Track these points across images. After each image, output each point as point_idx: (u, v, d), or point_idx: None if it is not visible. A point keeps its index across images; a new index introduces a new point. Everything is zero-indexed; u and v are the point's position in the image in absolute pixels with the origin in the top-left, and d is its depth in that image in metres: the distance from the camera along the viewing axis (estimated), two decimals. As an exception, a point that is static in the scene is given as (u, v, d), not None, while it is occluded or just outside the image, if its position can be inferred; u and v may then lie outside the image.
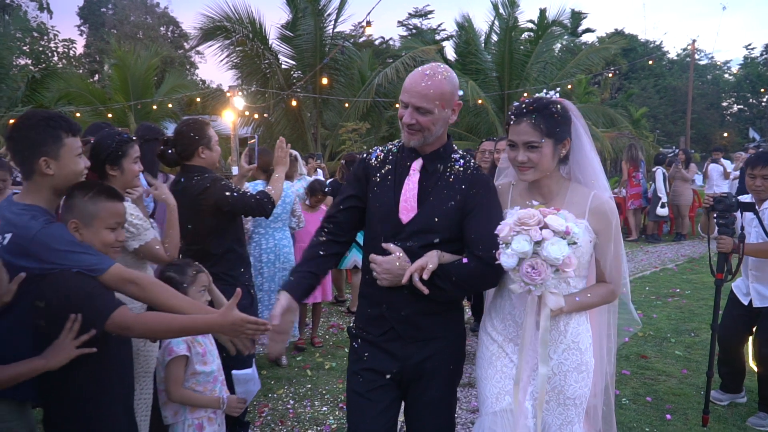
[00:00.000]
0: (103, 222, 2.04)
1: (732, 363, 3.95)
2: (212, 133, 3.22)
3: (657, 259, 9.48)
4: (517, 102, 2.12)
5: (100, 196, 2.06)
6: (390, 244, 2.04)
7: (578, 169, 2.15)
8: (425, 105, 2.00)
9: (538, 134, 2.01)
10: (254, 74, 17.00)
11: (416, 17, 36.08)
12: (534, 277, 1.88)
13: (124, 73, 17.60)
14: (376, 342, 2.14)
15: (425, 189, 2.09)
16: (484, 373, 2.19)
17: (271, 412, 3.91)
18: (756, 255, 3.46)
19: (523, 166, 2.05)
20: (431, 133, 2.05)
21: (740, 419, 3.76)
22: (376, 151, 2.24)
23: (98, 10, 41.73)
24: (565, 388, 2.10)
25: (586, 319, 2.17)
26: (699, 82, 39.01)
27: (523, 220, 1.89)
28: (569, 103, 2.15)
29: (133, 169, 2.71)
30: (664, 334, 5.54)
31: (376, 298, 2.14)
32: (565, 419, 2.11)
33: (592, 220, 2.06)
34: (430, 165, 2.12)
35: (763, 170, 3.45)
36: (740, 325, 3.81)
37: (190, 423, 2.43)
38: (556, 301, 1.98)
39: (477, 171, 2.13)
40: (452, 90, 2.07)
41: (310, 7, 16.09)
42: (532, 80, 17.57)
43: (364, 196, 2.20)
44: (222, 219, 3.15)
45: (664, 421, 3.72)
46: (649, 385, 4.30)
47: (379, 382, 2.13)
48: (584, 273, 2.14)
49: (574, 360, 2.10)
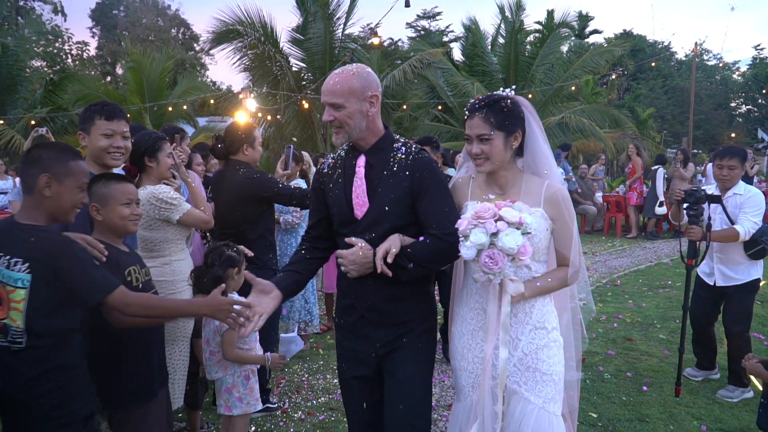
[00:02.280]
0: (116, 200, 2.38)
1: (704, 342, 4.36)
2: (257, 135, 3.71)
3: (653, 255, 9.85)
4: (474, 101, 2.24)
5: (110, 180, 2.45)
6: (352, 238, 2.18)
7: (532, 160, 2.25)
8: (335, 100, 2.14)
9: (488, 127, 2.14)
10: (265, 76, 17.43)
11: (424, 19, 36.45)
12: (492, 267, 1.99)
13: (140, 75, 18.10)
14: (351, 329, 2.32)
15: (373, 182, 2.21)
16: (458, 364, 2.31)
17: (288, 383, 4.36)
18: (721, 240, 3.87)
19: (478, 158, 2.18)
20: (350, 126, 2.17)
21: (711, 392, 4.15)
22: (328, 159, 2.40)
23: (110, 12, 42.25)
24: (539, 365, 2.18)
25: (551, 300, 2.28)
26: (707, 83, 39.09)
27: (480, 214, 2.01)
28: (522, 99, 2.26)
29: (167, 161, 3.19)
30: (651, 320, 5.93)
31: (346, 290, 2.32)
32: (546, 396, 2.18)
33: (548, 207, 2.18)
34: (372, 159, 2.22)
35: (729, 161, 3.88)
36: (709, 306, 4.22)
37: (239, 375, 2.90)
38: (516, 287, 2.09)
39: (419, 155, 2.23)
40: (363, 84, 2.16)
41: (320, 11, 16.48)
42: (538, 82, 17.88)
43: (325, 205, 2.35)
44: (259, 208, 3.60)
45: (640, 392, 4.12)
46: (631, 363, 4.70)
47: (358, 371, 2.32)
48: (544, 258, 2.24)
49: (542, 338, 2.19)
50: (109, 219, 2.38)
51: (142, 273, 2.46)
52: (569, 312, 2.42)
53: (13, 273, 1.97)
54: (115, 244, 2.40)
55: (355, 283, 2.23)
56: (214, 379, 2.92)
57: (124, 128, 2.73)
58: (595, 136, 16.07)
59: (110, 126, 2.66)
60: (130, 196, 2.44)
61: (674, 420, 3.70)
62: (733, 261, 3.96)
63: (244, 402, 2.91)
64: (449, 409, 3.93)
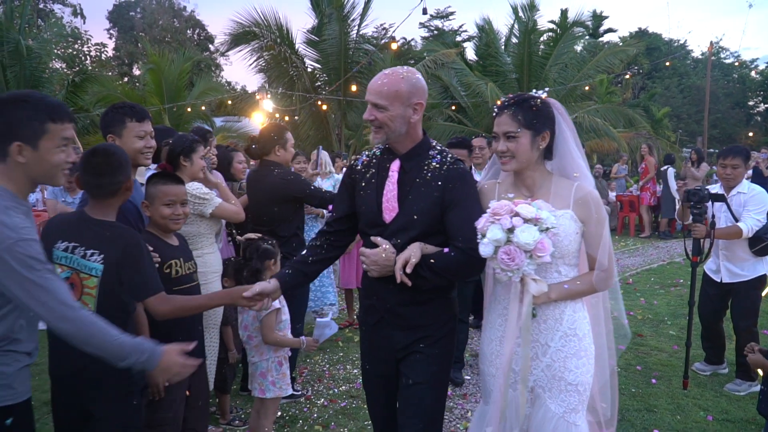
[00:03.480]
0: (159, 200, 2.60)
1: (712, 338, 4.49)
2: (289, 137, 3.92)
3: (666, 254, 9.94)
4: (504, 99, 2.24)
5: (158, 181, 2.67)
6: (378, 238, 2.19)
7: (561, 163, 2.22)
8: (380, 101, 2.14)
9: (515, 125, 2.13)
10: (281, 77, 17.71)
11: (437, 18, 36.53)
12: (509, 263, 1.99)
13: (159, 76, 18.43)
14: (373, 329, 2.35)
15: (405, 188, 2.21)
16: (486, 369, 2.31)
17: (310, 373, 4.56)
18: (725, 237, 4.01)
19: (504, 156, 2.17)
20: (390, 129, 2.17)
21: (719, 386, 4.29)
22: (363, 156, 2.39)
23: (127, 14, 42.76)
24: (566, 375, 2.14)
25: (583, 307, 2.22)
26: (724, 81, 38.75)
27: (496, 211, 2.03)
28: (554, 101, 2.24)
29: (200, 162, 3.40)
30: (661, 317, 6.07)
31: (368, 290, 2.36)
32: (568, 406, 2.14)
33: (577, 209, 2.14)
34: (407, 164, 2.23)
35: (732, 161, 4.03)
36: (716, 302, 4.36)
37: (273, 360, 3.11)
38: (538, 287, 2.05)
39: (453, 166, 2.22)
40: (410, 89, 2.16)
41: (335, 13, 16.69)
42: (551, 82, 17.94)
43: (353, 201, 2.36)
44: (292, 208, 3.82)
45: (649, 384, 4.27)
46: (641, 358, 4.84)
47: (378, 370, 2.37)
48: (574, 262, 2.19)
49: (572, 346, 2.15)
50: (153, 216, 2.63)
51: (184, 266, 2.67)
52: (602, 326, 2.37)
53: (88, 263, 2.17)
54: (163, 238, 2.64)
55: (377, 285, 2.26)
56: (254, 360, 3.13)
57: (150, 128, 2.91)
58: (609, 135, 16.12)
59: (142, 128, 2.81)
60: (172, 198, 2.63)
61: (681, 410, 3.85)
62: (739, 258, 4.10)
63: (276, 386, 3.12)
64: (465, 398, 4.11)
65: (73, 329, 1.81)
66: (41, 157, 1.87)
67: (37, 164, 1.87)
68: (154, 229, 2.64)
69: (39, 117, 1.85)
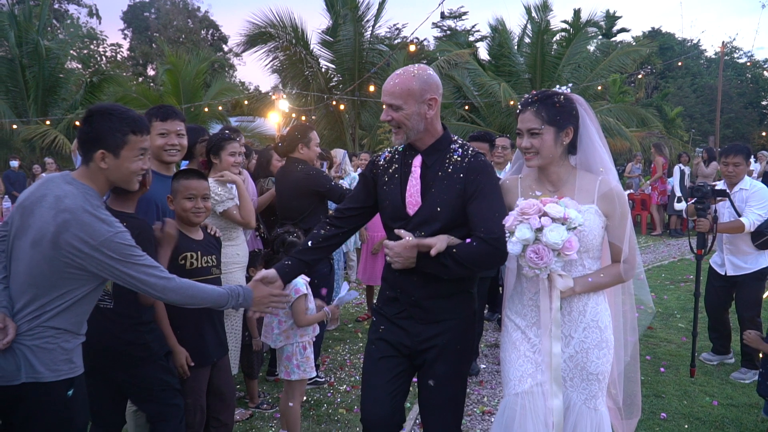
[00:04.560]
0: (181, 194, 2.77)
1: (719, 329, 4.67)
2: (313, 136, 4.15)
3: (677, 251, 10.08)
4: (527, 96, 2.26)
5: (180, 176, 2.84)
6: (401, 230, 2.21)
7: (586, 158, 2.25)
8: (394, 101, 2.20)
9: (539, 121, 2.15)
10: (296, 77, 18.00)
11: (451, 18, 36.66)
12: (537, 262, 2.02)
13: (176, 77, 18.77)
14: (391, 319, 2.36)
15: (427, 182, 2.26)
16: (507, 356, 2.31)
17: (332, 362, 4.79)
18: (727, 231, 4.21)
19: (528, 152, 2.20)
20: (408, 128, 2.22)
21: (725, 374, 4.46)
22: (385, 153, 2.45)
23: (141, 14, 43.25)
24: (588, 365, 2.19)
25: (605, 299, 2.28)
26: (738, 81, 38.53)
27: (524, 210, 2.05)
28: (577, 97, 2.26)
29: (228, 159, 3.62)
30: (671, 311, 6.24)
31: (392, 283, 2.36)
32: (588, 394, 2.21)
33: (601, 204, 2.18)
34: (428, 159, 2.28)
35: (734, 159, 4.21)
36: (722, 294, 4.54)
37: (297, 344, 3.30)
38: (564, 282, 2.10)
39: (475, 158, 2.26)
40: (422, 86, 2.20)
41: (350, 14, 16.92)
42: (564, 82, 18.01)
43: (371, 195, 2.43)
44: (314, 201, 4.05)
45: (658, 373, 4.46)
46: (651, 348, 5.02)
47: (390, 353, 2.35)
48: (597, 255, 2.25)
49: (594, 338, 2.20)
50: (176, 210, 2.81)
51: (201, 259, 2.83)
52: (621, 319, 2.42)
53: None
54: (185, 231, 2.81)
55: (401, 279, 2.29)
56: (277, 347, 3.35)
57: (178, 127, 3.05)
58: (622, 135, 16.22)
59: (164, 126, 3.00)
60: (193, 192, 2.79)
61: (688, 396, 4.03)
62: (742, 251, 4.28)
63: (301, 369, 3.33)
64: (481, 385, 4.32)
65: (177, 297, 2.14)
66: (121, 164, 2.10)
67: (116, 170, 2.11)
68: (177, 221, 2.80)
69: (122, 129, 2.08)
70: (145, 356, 2.56)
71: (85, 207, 1.98)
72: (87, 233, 1.95)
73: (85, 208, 1.98)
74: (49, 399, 2.02)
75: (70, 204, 1.97)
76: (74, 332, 2.10)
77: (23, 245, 2.03)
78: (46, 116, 18.22)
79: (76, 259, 1.97)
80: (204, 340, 2.85)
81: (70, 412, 2.08)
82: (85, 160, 2.11)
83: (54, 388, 2.03)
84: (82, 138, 2.12)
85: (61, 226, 1.95)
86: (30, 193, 2.09)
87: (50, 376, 2.01)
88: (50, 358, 2.02)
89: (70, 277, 2.01)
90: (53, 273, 1.99)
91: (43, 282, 2.00)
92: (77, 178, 2.09)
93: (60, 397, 2.05)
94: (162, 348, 2.67)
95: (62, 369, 2.04)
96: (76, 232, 1.95)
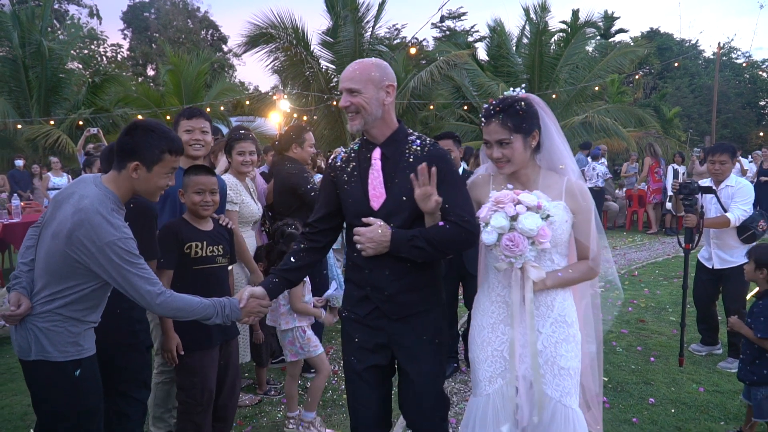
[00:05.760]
0: (191, 188, 2.92)
1: (707, 320, 4.87)
2: (307, 137, 4.31)
3: (672, 249, 10.26)
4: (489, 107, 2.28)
5: (190, 172, 3.00)
6: (370, 218, 2.21)
7: (548, 156, 2.31)
8: (353, 86, 2.22)
9: (507, 131, 2.19)
10: (297, 78, 18.15)
11: (450, 19, 36.86)
12: (513, 249, 2.06)
13: (178, 78, 18.95)
14: (363, 321, 2.32)
15: (389, 174, 2.25)
16: (476, 357, 2.33)
17: (336, 351, 4.98)
18: (713, 227, 4.41)
19: (499, 161, 2.25)
20: (367, 112, 2.22)
21: (713, 364, 4.66)
22: (341, 153, 2.44)
23: (141, 14, 43.34)
24: (557, 359, 2.22)
25: (571, 295, 2.33)
26: (735, 81, 38.73)
27: (499, 200, 2.11)
28: (534, 97, 2.32)
29: (237, 158, 3.82)
30: (663, 305, 6.44)
31: (360, 282, 2.32)
32: (563, 390, 2.21)
33: (568, 200, 2.24)
34: (388, 151, 2.27)
35: (720, 157, 4.41)
36: (709, 287, 4.74)
37: (297, 328, 3.51)
38: (537, 273, 2.14)
39: (434, 147, 2.28)
40: (380, 73, 2.24)
41: (350, 15, 17.09)
42: (562, 82, 18.26)
43: (335, 199, 2.39)
44: (297, 199, 4.16)
45: (648, 362, 4.65)
46: (642, 340, 5.22)
47: (372, 361, 2.32)
48: (565, 251, 2.30)
49: (562, 332, 2.24)
50: (187, 203, 2.98)
51: (206, 249, 2.97)
52: (589, 298, 2.49)
53: None
54: (194, 223, 2.98)
55: (372, 275, 2.27)
56: (282, 329, 3.53)
57: (202, 125, 3.33)
58: (618, 135, 16.41)
59: (190, 123, 3.31)
60: (202, 187, 2.94)
61: (676, 384, 4.22)
62: (728, 246, 4.48)
63: (305, 350, 3.52)
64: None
65: (164, 311, 2.25)
66: (151, 178, 2.28)
67: (145, 183, 2.28)
68: (187, 215, 3.00)
69: (160, 146, 2.26)
70: (132, 343, 2.78)
71: (99, 209, 2.14)
72: (95, 233, 2.10)
73: (99, 210, 2.14)
74: (57, 377, 2.21)
75: (87, 204, 2.14)
76: (81, 320, 2.27)
77: (46, 235, 2.24)
78: (49, 116, 18.38)
79: (83, 257, 2.14)
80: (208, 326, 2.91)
81: (78, 391, 2.25)
82: (117, 167, 2.29)
83: (62, 367, 2.22)
84: (121, 147, 2.29)
85: (77, 224, 2.12)
86: (65, 189, 2.31)
87: (58, 356, 2.20)
88: (58, 339, 2.21)
89: (78, 272, 2.18)
90: (64, 266, 2.17)
91: (56, 272, 2.19)
92: (104, 182, 2.27)
93: (68, 376, 2.23)
94: (147, 340, 2.91)
95: (69, 350, 2.23)
96: (86, 231, 2.11)
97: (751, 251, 3.49)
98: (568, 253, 2.33)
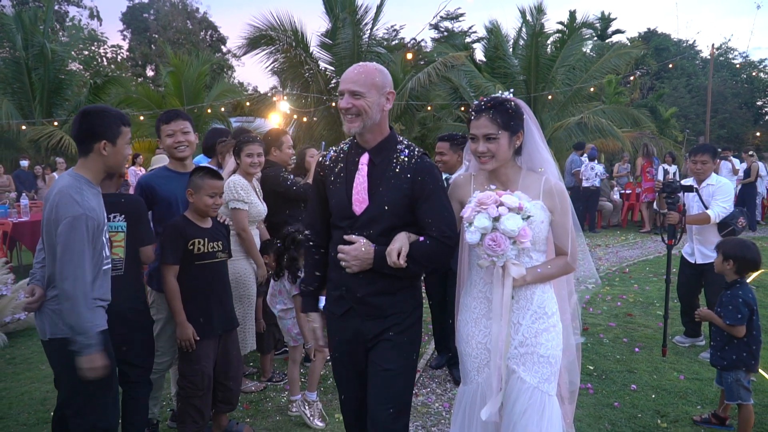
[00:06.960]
0: (204, 191, 3.10)
1: (690, 313, 5.07)
2: (285, 140, 4.53)
3: (663, 247, 10.43)
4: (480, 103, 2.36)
5: (205, 175, 3.18)
6: (351, 235, 2.26)
7: (530, 158, 2.39)
8: (357, 89, 2.22)
9: (495, 127, 2.27)
10: (296, 79, 18.36)
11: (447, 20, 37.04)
12: (495, 249, 2.13)
13: (179, 79, 19.16)
14: (340, 320, 2.40)
15: (375, 181, 2.28)
16: (463, 350, 2.45)
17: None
18: (695, 223, 4.64)
19: (483, 156, 2.31)
20: (368, 116, 2.24)
21: (694, 354, 4.90)
22: (330, 152, 2.44)
23: (140, 15, 43.46)
24: (538, 348, 2.31)
25: (550, 288, 2.42)
26: (733, 81, 38.95)
27: (482, 201, 2.17)
28: (521, 102, 2.41)
29: (245, 160, 4.02)
30: (651, 300, 6.67)
31: (337, 282, 2.38)
32: (541, 377, 2.30)
33: (546, 200, 2.32)
34: (376, 158, 2.30)
35: (701, 157, 4.65)
36: (692, 282, 4.98)
37: (292, 316, 3.76)
38: (518, 270, 2.22)
39: (421, 159, 2.31)
40: (383, 80, 2.27)
41: (348, 17, 17.30)
42: (558, 83, 18.48)
43: (325, 196, 2.42)
44: (279, 201, 4.32)
45: (632, 353, 4.89)
46: (628, 332, 5.45)
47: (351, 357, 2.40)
48: (543, 248, 2.38)
49: (542, 323, 2.33)
50: (196, 203, 3.17)
51: (207, 245, 3.17)
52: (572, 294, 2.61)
53: (113, 223, 2.89)
54: (194, 221, 3.18)
55: (346, 276, 2.31)
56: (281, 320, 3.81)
57: (182, 126, 3.39)
58: (614, 135, 16.62)
59: (170, 127, 3.37)
60: (215, 190, 3.17)
61: (658, 372, 4.46)
62: (710, 242, 4.70)
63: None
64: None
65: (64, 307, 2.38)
66: (117, 151, 2.58)
67: (113, 156, 2.57)
68: (192, 213, 3.17)
69: (116, 122, 2.57)
70: (140, 321, 3.02)
71: (68, 191, 2.44)
72: (62, 207, 2.38)
73: (68, 190, 2.44)
74: (70, 351, 2.42)
75: (60, 187, 2.44)
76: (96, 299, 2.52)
77: (43, 229, 2.53)
78: (51, 117, 18.59)
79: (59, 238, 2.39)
80: (210, 315, 3.19)
81: None
82: (84, 153, 2.57)
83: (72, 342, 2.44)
84: (81, 133, 2.56)
85: (53, 207, 2.42)
86: (51, 187, 2.57)
87: (69, 333, 2.43)
88: None
89: None
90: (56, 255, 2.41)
91: (52, 261, 2.47)
92: (75, 170, 2.56)
93: None
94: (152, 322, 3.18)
95: None
96: (57, 211, 2.40)
97: (719, 245, 3.72)
98: (547, 249, 2.43)
